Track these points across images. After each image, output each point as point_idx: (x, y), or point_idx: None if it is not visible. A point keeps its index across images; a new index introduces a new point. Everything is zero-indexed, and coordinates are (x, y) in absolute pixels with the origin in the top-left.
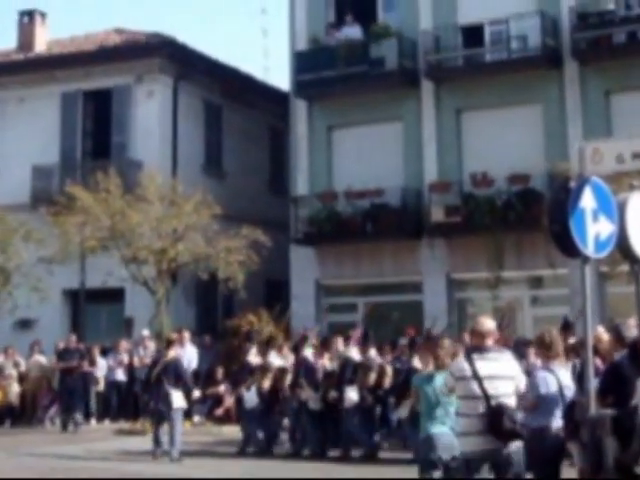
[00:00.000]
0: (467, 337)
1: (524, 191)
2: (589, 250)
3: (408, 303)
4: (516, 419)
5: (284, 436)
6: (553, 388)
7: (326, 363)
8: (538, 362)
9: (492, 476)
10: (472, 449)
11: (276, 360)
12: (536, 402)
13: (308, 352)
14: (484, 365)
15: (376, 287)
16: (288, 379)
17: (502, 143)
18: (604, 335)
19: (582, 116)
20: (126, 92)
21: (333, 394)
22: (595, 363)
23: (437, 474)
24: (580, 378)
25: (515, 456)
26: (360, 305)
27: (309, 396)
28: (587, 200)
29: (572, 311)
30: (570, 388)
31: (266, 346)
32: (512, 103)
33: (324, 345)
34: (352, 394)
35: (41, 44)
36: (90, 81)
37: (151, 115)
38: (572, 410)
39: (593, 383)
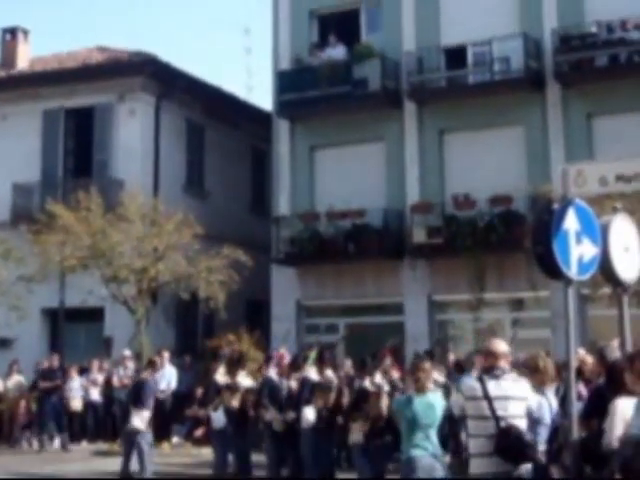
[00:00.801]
0: (452, 359)
1: (506, 213)
2: (572, 272)
3: (389, 324)
4: (527, 441)
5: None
6: (545, 412)
7: (292, 384)
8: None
9: None
10: (482, 471)
11: (245, 380)
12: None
13: (311, 371)
14: (495, 385)
15: (357, 308)
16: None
17: (484, 165)
18: (588, 358)
19: (564, 138)
20: (108, 110)
21: (291, 415)
22: (578, 387)
23: None
24: (563, 401)
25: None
26: (341, 326)
27: (273, 417)
28: (570, 222)
29: (553, 333)
30: (556, 412)
31: (236, 366)
32: (494, 125)
33: (292, 366)
34: (309, 414)
35: (23, 61)
36: (72, 99)
37: (133, 134)
38: (556, 433)
39: (576, 406)
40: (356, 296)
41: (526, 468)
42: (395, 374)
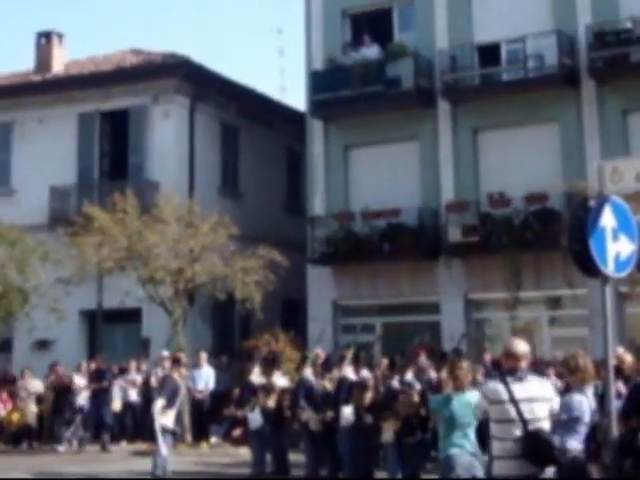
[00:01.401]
0: (489, 358)
1: (541, 210)
2: (609, 270)
3: (426, 323)
4: (555, 444)
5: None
6: (585, 410)
7: (326, 384)
8: (558, 383)
9: None
10: (507, 473)
11: (280, 380)
12: (564, 421)
13: (349, 370)
14: (519, 388)
15: (393, 307)
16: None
17: (519, 162)
18: (626, 356)
19: (600, 135)
20: (143, 113)
21: (329, 414)
22: (617, 385)
23: None
24: (602, 399)
25: None
26: (377, 325)
27: (310, 417)
28: (607, 219)
29: (591, 331)
30: (594, 411)
31: (271, 366)
32: (529, 122)
33: (325, 365)
34: (348, 414)
35: (59, 65)
36: (107, 102)
37: (168, 136)
38: (594, 432)
39: (615, 404)
40: (392, 295)
41: (551, 471)
42: (433, 373)
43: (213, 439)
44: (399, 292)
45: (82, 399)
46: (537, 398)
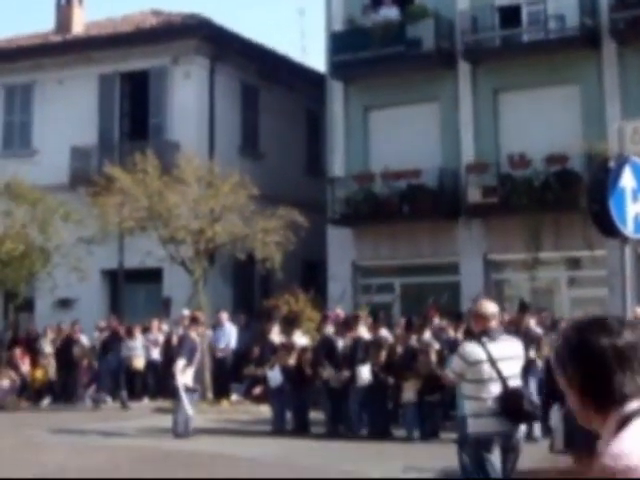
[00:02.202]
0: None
1: (562, 172)
2: (629, 230)
3: (445, 284)
4: (533, 401)
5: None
6: None
7: (346, 342)
8: None
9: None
10: (484, 430)
11: (301, 339)
12: None
13: (363, 330)
14: (495, 347)
15: (413, 268)
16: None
17: (539, 124)
18: None
19: (620, 96)
20: (163, 74)
21: (345, 373)
22: None
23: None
24: None
25: (521, 441)
26: (397, 286)
27: (330, 375)
28: (627, 180)
29: (610, 292)
30: None
31: (291, 325)
32: (550, 83)
33: (345, 324)
34: (364, 373)
35: (78, 26)
36: (127, 63)
37: (188, 96)
38: None
39: None
40: (411, 256)
41: (522, 431)
42: (451, 332)
43: (234, 397)
44: (418, 253)
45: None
46: (511, 356)
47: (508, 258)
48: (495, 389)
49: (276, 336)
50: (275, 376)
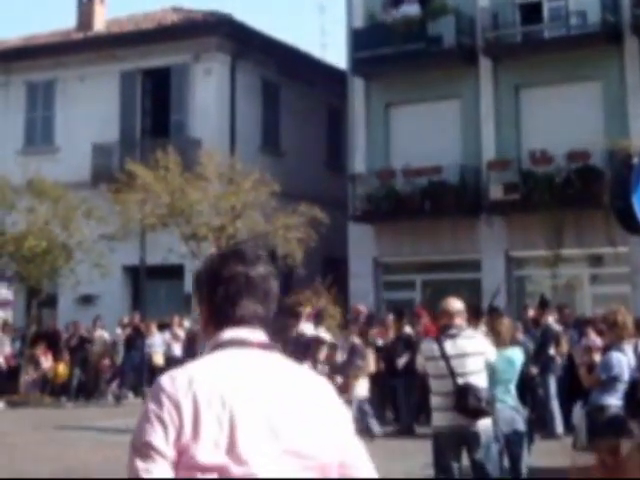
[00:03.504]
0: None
1: (583, 168)
2: None
3: (467, 281)
4: (482, 397)
5: None
6: (624, 369)
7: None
8: (598, 340)
9: (462, 451)
10: (441, 424)
11: (325, 336)
12: (603, 380)
13: (306, 326)
14: (451, 344)
15: (434, 265)
16: (339, 355)
17: (561, 120)
18: None
19: None
20: (184, 71)
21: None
22: None
23: (497, 446)
24: None
25: (484, 435)
26: (418, 282)
27: None
28: None
29: (633, 289)
30: (634, 368)
31: (317, 321)
32: (571, 80)
33: (368, 322)
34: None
35: (100, 23)
36: (148, 60)
37: (209, 93)
38: (635, 389)
39: None
40: (433, 253)
41: (484, 424)
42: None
43: None
44: (440, 249)
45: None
46: (469, 353)
47: (530, 255)
48: (450, 385)
49: (308, 330)
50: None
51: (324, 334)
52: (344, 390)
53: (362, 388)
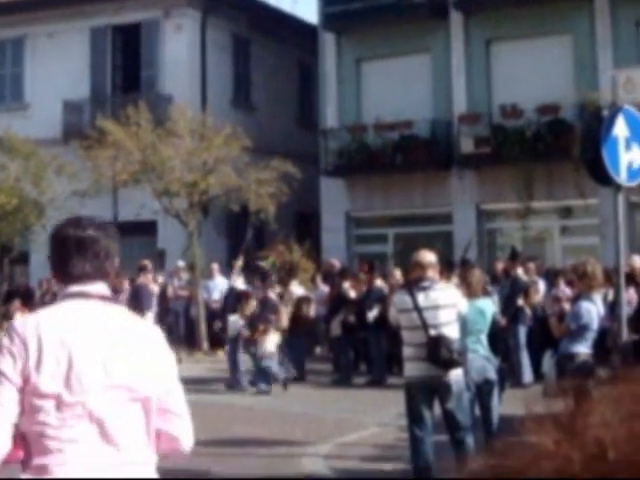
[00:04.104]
0: (501, 267)
1: (554, 122)
2: (621, 178)
3: (438, 234)
4: (453, 348)
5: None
6: (593, 318)
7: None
8: (567, 291)
9: (433, 401)
10: (413, 374)
11: (297, 290)
12: (573, 330)
13: (239, 281)
14: (424, 296)
15: (406, 218)
16: (311, 307)
17: (532, 74)
18: (637, 263)
19: (612, 46)
20: (154, 26)
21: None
22: (629, 292)
23: (470, 396)
24: (612, 306)
25: (455, 386)
26: (390, 236)
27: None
28: (620, 128)
29: (602, 240)
30: (603, 316)
31: (287, 276)
32: (542, 33)
33: (342, 275)
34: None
35: None
36: (119, 16)
37: (180, 49)
38: (604, 337)
39: (625, 310)
40: (404, 207)
41: (456, 374)
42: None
43: (227, 347)
44: (411, 203)
45: None
46: (441, 305)
47: (500, 207)
48: (423, 336)
49: (239, 284)
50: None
51: (297, 288)
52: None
53: (271, 343)
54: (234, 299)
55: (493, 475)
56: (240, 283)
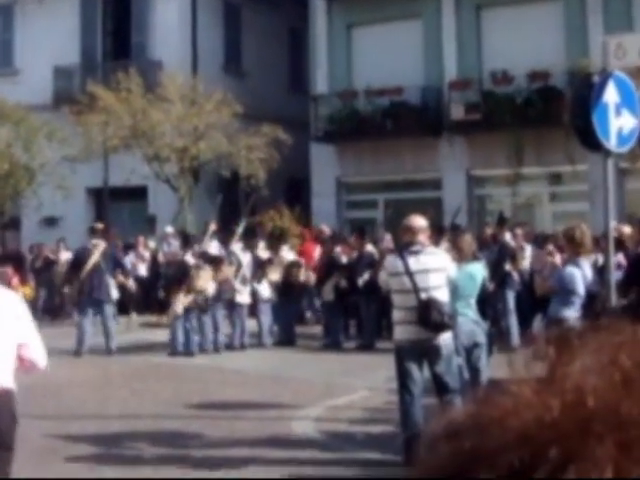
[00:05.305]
0: (489, 232)
1: (544, 88)
2: (611, 144)
3: (428, 199)
4: (444, 311)
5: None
6: (577, 282)
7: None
8: (557, 257)
9: (423, 364)
10: (403, 337)
11: (289, 254)
12: (556, 290)
13: (212, 245)
14: (414, 260)
15: (396, 184)
16: (302, 272)
17: (522, 40)
18: (626, 228)
19: (603, 12)
20: None
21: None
22: (618, 257)
23: (459, 360)
24: (602, 271)
25: (445, 349)
26: (380, 202)
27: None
28: (610, 95)
29: (592, 206)
30: (592, 282)
31: (278, 241)
32: (532, 0)
33: (333, 241)
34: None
35: None
36: None
37: (170, 15)
38: (592, 302)
39: (615, 275)
40: (394, 172)
41: (444, 338)
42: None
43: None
44: (402, 169)
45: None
46: (432, 269)
47: (490, 174)
48: (413, 300)
49: (262, 252)
50: (263, 290)
51: (287, 253)
52: None
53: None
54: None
55: (472, 423)
56: (214, 247)
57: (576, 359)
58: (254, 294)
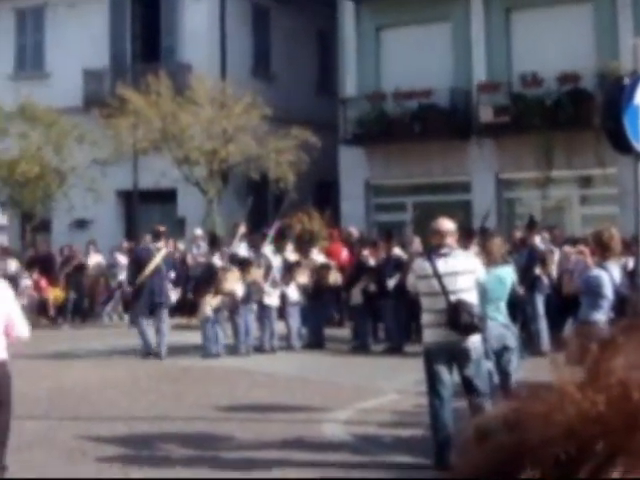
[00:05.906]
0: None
1: (574, 90)
2: None
3: (457, 203)
4: (474, 313)
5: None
6: (605, 285)
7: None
8: (589, 258)
9: (452, 367)
10: (433, 340)
11: (319, 257)
12: (582, 292)
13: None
14: (443, 263)
15: (425, 187)
16: (332, 276)
17: (552, 42)
18: None
19: (633, 14)
20: None
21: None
22: None
23: (489, 364)
24: (632, 274)
25: (474, 352)
26: (409, 205)
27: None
28: None
29: (621, 210)
30: (622, 285)
31: (307, 244)
32: (562, 1)
33: (361, 243)
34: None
35: None
36: None
37: (199, 18)
38: (623, 305)
39: None
40: (423, 175)
41: (473, 342)
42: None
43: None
44: (430, 172)
45: (121, 276)
46: (460, 271)
47: (520, 177)
48: (443, 302)
49: (291, 254)
50: (292, 293)
51: (317, 255)
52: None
53: (207, 307)
54: (239, 263)
55: (516, 419)
56: (243, 249)
57: (619, 355)
58: (283, 297)
